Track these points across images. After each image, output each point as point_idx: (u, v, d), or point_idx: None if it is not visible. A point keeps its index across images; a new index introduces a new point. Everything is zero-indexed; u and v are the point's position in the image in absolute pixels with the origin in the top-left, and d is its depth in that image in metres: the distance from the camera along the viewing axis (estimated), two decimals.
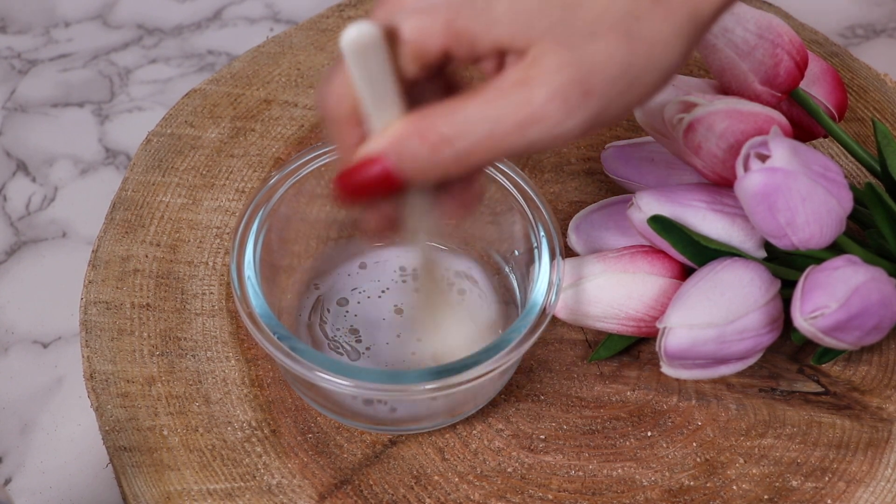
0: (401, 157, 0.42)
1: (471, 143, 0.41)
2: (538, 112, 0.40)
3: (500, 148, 0.41)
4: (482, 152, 0.41)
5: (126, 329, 0.57)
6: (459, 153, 0.41)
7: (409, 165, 0.42)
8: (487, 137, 0.41)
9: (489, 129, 0.41)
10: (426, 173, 0.42)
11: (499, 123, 0.41)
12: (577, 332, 0.58)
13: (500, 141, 0.41)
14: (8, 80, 0.76)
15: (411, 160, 0.42)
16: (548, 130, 0.41)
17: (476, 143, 0.41)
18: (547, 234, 0.54)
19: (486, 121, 0.41)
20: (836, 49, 0.68)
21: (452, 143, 0.41)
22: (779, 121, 0.52)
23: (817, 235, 0.50)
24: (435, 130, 0.41)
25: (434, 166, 0.42)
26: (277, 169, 0.56)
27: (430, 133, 0.41)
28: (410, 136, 0.42)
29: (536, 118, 0.40)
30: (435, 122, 0.41)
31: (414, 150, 0.42)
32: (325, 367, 0.50)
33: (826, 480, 0.54)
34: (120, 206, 0.62)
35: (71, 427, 0.62)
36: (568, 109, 0.41)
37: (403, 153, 0.42)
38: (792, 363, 0.57)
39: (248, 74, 0.67)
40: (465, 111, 0.41)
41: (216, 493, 0.53)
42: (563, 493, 0.53)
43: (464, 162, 0.42)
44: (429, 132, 0.41)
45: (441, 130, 0.41)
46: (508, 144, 0.41)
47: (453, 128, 0.41)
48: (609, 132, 0.65)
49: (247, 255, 0.53)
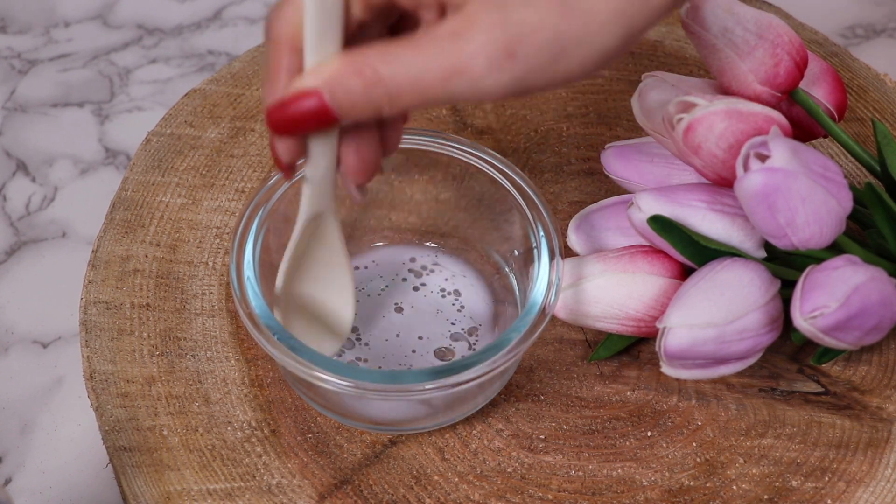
0: (335, 92, 0.43)
1: (401, 84, 0.43)
2: (462, 65, 0.42)
3: (426, 93, 0.43)
4: (411, 95, 0.43)
5: (126, 329, 0.57)
6: (391, 93, 0.43)
7: (343, 100, 0.43)
8: (416, 82, 0.43)
9: (418, 73, 0.43)
10: (358, 109, 0.44)
11: (427, 70, 0.42)
12: (577, 332, 0.58)
13: (426, 86, 0.43)
14: (8, 80, 0.76)
15: (345, 95, 0.43)
16: (469, 84, 0.43)
17: (406, 85, 0.43)
18: (546, 234, 0.54)
19: (416, 66, 0.43)
20: (836, 49, 0.68)
21: (385, 83, 0.43)
22: (779, 121, 0.52)
23: (817, 235, 0.50)
24: (371, 68, 0.43)
25: (367, 103, 0.43)
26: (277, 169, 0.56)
27: (366, 70, 0.43)
28: (347, 72, 0.43)
29: (460, 70, 0.42)
30: (372, 61, 0.43)
31: (349, 86, 0.43)
32: (325, 367, 0.50)
33: (826, 480, 0.54)
34: (120, 206, 0.62)
35: (71, 427, 0.62)
36: (490, 67, 0.42)
37: (338, 88, 0.43)
38: (792, 363, 0.57)
39: (248, 74, 0.67)
40: (399, 54, 0.43)
41: (216, 493, 0.53)
42: (563, 493, 0.53)
43: (394, 102, 0.43)
44: (365, 69, 0.43)
45: (376, 69, 0.43)
46: (433, 91, 0.43)
47: (387, 68, 0.43)
48: (609, 132, 0.65)
49: (246, 255, 0.53)
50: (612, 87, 0.68)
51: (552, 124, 0.66)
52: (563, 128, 0.66)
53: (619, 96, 0.67)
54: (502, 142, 0.65)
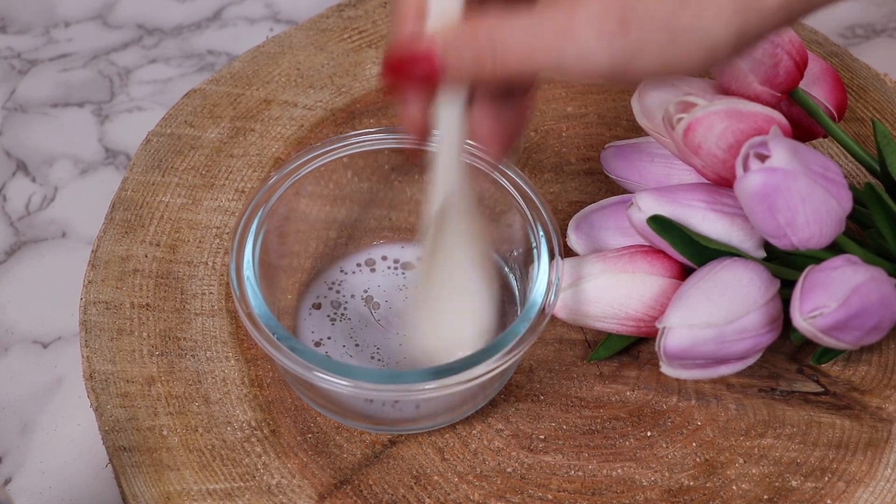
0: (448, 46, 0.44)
1: (510, 47, 0.43)
2: (573, 31, 0.42)
3: (533, 55, 0.43)
4: (518, 59, 0.43)
5: (126, 329, 0.57)
6: (497, 55, 0.43)
7: (453, 55, 0.44)
8: (526, 44, 0.43)
9: (529, 37, 0.43)
10: (463, 67, 0.44)
11: (537, 32, 0.42)
12: (577, 332, 0.58)
13: (534, 48, 0.43)
14: (8, 80, 0.76)
15: (455, 50, 0.44)
16: (577, 51, 0.42)
17: (515, 47, 0.43)
18: (546, 234, 0.54)
19: (529, 29, 0.43)
20: (836, 49, 0.68)
21: (495, 44, 0.43)
22: (779, 121, 0.52)
23: (817, 235, 0.50)
24: (486, 27, 0.43)
25: (472, 61, 0.44)
26: (277, 169, 0.56)
27: (480, 32, 0.43)
28: (464, 29, 0.44)
29: (570, 35, 0.42)
30: (489, 21, 0.43)
31: (461, 42, 0.44)
32: (325, 367, 0.50)
33: (826, 480, 0.54)
34: (120, 206, 0.62)
35: (71, 427, 0.62)
36: (601, 36, 0.42)
37: (451, 43, 0.44)
38: (791, 363, 0.57)
39: (248, 74, 0.67)
40: (515, 19, 0.43)
41: (216, 493, 0.53)
42: (562, 493, 0.53)
43: (499, 66, 0.43)
44: (479, 30, 0.43)
45: (490, 30, 0.43)
46: (542, 56, 0.43)
47: (500, 31, 0.43)
48: (609, 132, 0.65)
49: (246, 255, 0.53)
50: (612, 86, 0.68)
51: (552, 124, 0.66)
52: (563, 128, 0.66)
53: (619, 96, 0.67)
54: None
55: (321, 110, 0.66)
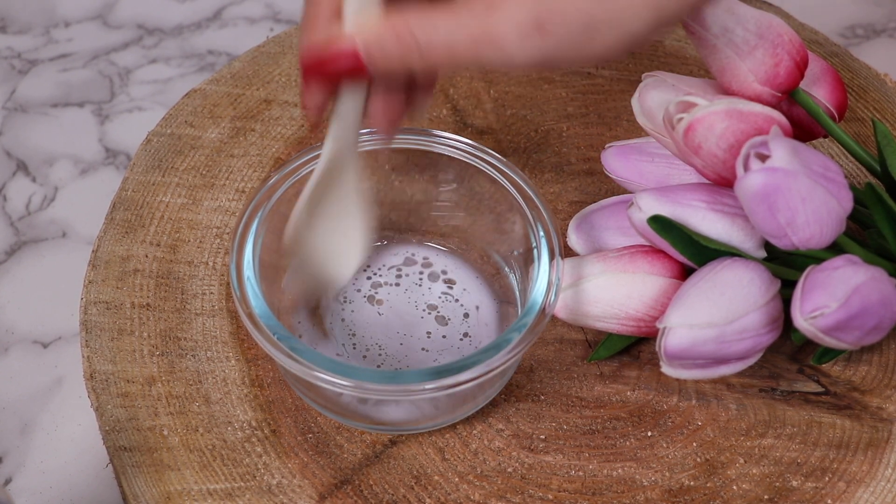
0: (370, 46, 0.45)
1: (433, 46, 0.45)
2: (493, 35, 0.44)
3: (456, 57, 0.45)
4: (441, 57, 0.45)
5: (126, 329, 0.57)
6: (423, 53, 0.45)
7: (377, 53, 0.45)
8: (447, 45, 0.45)
9: (450, 38, 0.45)
10: (389, 65, 0.46)
11: (458, 33, 0.44)
12: (577, 332, 0.58)
13: (456, 51, 0.45)
14: (8, 80, 0.76)
15: (379, 50, 0.45)
16: (497, 53, 0.44)
17: (438, 47, 0.45)
18: (546, 234, 0.54)
19: (450, 30, 0.45)
20: (836, 49, 0.68)
21: (419, 42, 0.45)
22: (779, 121, 0.52)
23: (817, 235, 0.50)
24: (406, 27, 0.45)
25: (398, 59, 0.45)
26: (277, 169, 0.56)
27: (402, 28, 0.45)
28: (384, 29, 0.45)
29: (490, 40, 0.44)
30: (409, 20, 0.45)
31: (384, 42, 0.45)
32: (325, 367, 0.50)
33: (826, 480, 0.54)
34: (120, 206, 0.62)
35: (71, 427, 0.62)
36: (520, 40, 0.44)
37: (374, 43, 0.45)
38: (792, 363, 0.57)
39: (248, 74, 0.67)
40: (435, 18, 0.45)
41: (216, 493, 0.53)
42: (563, 493, 0.53)
43: (426, 61, 0.45)
44: (402, 28, 0.45)
45: (412, 29, 0.45)
46: (463, 56, 0.45)
47: (422, 29, 0.45)
48: (609, 132, 0.65)
49: (246, 255, 0.53)
50: (612, 87, 0.68)
51: (552, 124, 0.66)
52: (563, 128, 0.66)
53: (619, 96, 0.67)
54: (502, 142, 0.65)
55: None
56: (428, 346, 0.56)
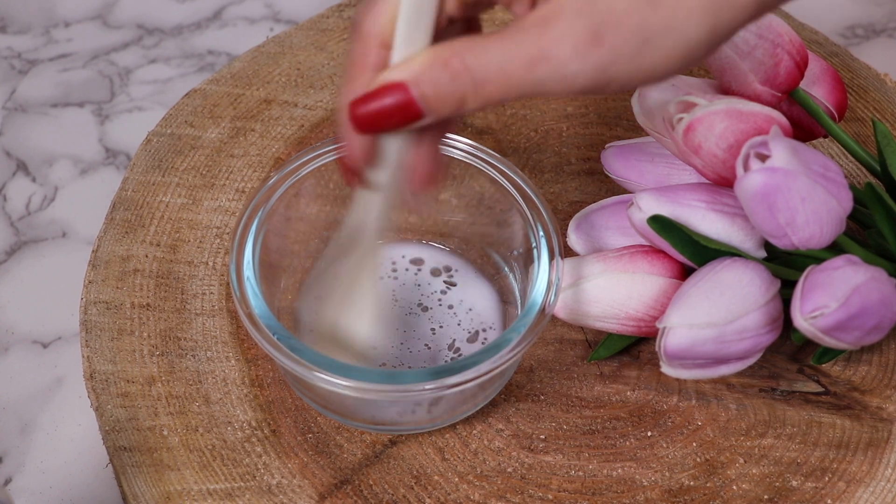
0: (422, 84, 0.43)
1: (487, 74, 0.42)
2: (548, 51, 0.42)
3: (512, 82, 0.42)
4: (496, 85, 0.42)
5: (126, 329, 0.57)
6: (477, 83, 0.42)
7: (430, 91, 0.43)
8: (501, 70, 0.42)
9: (504, 62, 0.42)
10: (444, 101, 0.43)
11: (513, 58, 0.42)
12: (577, 331, 0.58)
13: (512, 75, 0.42)
14: (8, 80, 0.76)
15: (432, 87, 0.43)
16: (554, 71, 0.42)
17: (491, 74, 0.42)
18: (546, 234, 0.54)
19: (503, 54, 0.42)
20: (836, 49, 0.68)
21: (471, 72, 0.42)
22: (779, 121, 0.52)
23: (817, 235, 0.50)
24: (458, 58, 0.42)
25: (452, 94, 0.43)
26: (277, 169, 0.56)
27: (454, 60, 0.42)
28: (434, 64, 0.43)
29: (545, 57, 0.42)
30: (459, 51, 0.43)
31: (435, 77, 0.43)
32: (325, 367, 0.50)
33: (826, 480, 0.54)
34: (120, 206, 0.62)
35: (71, 427, 0.62)
36: (576, 53, 0.42)
37: (425, 80, 0.43)
38: (792, 363, 0.57)
39: (248, 74, 0.67)
40: (487, 43, 0.42)
41: (216, 493, 0.53)
42: (563, 493, 0.53)
43: (480, 93, 0.43)
44: (452, 60, 0.42)
45: (463, 58, 0.42)
46: (519, 80, 0.42)
47: (473, 58, 0.42)
48: (609, 132, 0.65)
49: (246, 255, 0.53)
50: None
51: (552, 124, 0.66)
52: (563, 128, 0.66)
53: (619, 96, 0.67)
54: (502, 142, 0.65)
55: (321, 110, 0.66)
56: (428, 346, 0.56)
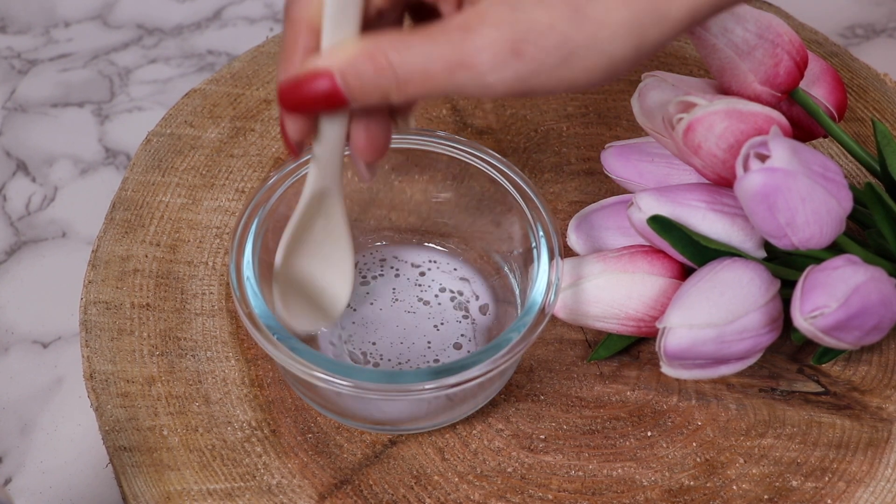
0: (347, 76, 0.44)
1: (409, 72, 0.43)
2: (468, 58, 0.42)
3: (432, 83, 0.43)
4: (418, 84, 0.43)
5: (126, 329, 0.57)
6: (399, 80, 0.43)
7: (354, 84, 0.44)
8: (423, 71, 0.43)
9: (425, 63, 0.43)
10: (367, 94, 0.44)
11: (434, 60, 0.43)
12: (577, 332, 0.58)
13: (432, 77, 0.43)
14: (8, 80, 0.76)
15: (356, 79, 0.44)
16: (473, 79, 0.43)
17: (414, 73, 0.43)
18: (546, 234, 0.54)
19: (425, 55, 0.43)
20: (836, 49, 0.68)
21: (395, 70, 0.43)
22: (779, 121, 0.52)
23: (817, 235, 0.50)
24: (383, 55, 0.43)
25: (375, 88, 0.44)
26: (277, 169, 0.56)
27: (379, 55, 0.43)
28: (360, 57, 0.44)
29: (466, 64, 0.42)
30: (384, 47, 0.43)
31: (360, 70, 0.44)
32: (325, 367, 0.50)
33: (826, 480, 0.54)
34: (120, 206, 0.62)
35: (71, 427, 0.62)
36: (495, 64, 0.42)
37: (350, 72, 0.44)
38: (792, 363, 0.57)
39: (248, 74, 0.67)
40: (411, 43, 0.43)
41: (216, 493, 0.53)
42: (563, 493, 0.53)
43: (402, 89, 0.43)
44: (377, 54, 0.43)
45: (388, 55, 0.43)
46: (439, 82, 0.43)
47: (398, 56, 0.43)
48: (609, 132, 0.65)
49: (246, 255, 0.53)
50: (612, 87, 0.68)
51: (552, 124, 0.66)
52: (563, 128, 0.66)
53: (619, 96, 0.67)
54: (502, 142, 0.65)
55: None
56: (427, 346, 0.56)
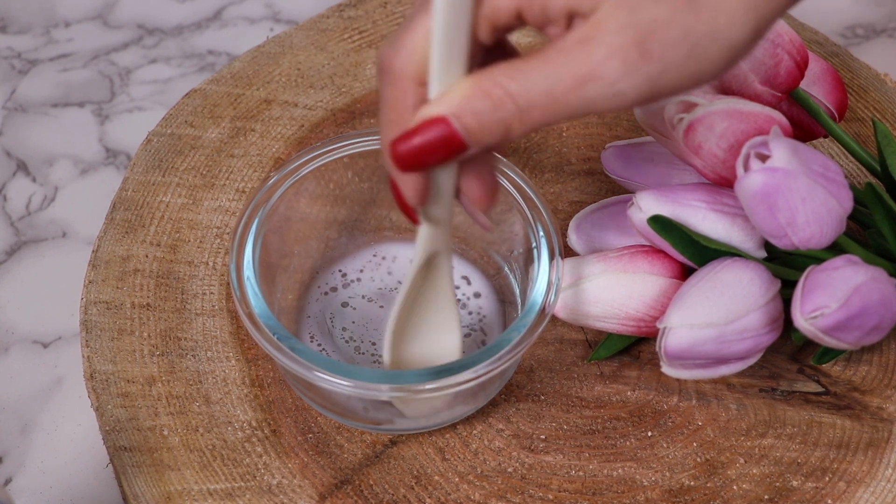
0: (463, 116, 0.42)
1: (532, 98, 0.41)
2: (596, 70, 0.41)
3: (559, 105, 0.41)
4: (542, 109, 0.41)
5: (126, 329, 0.57)
6: (521, 109, 0.41)
7: (472, 123, 0.42)
8: (547, 94, 0.41)
9: (549, 85, 0.41)
10: (488, 130, 0.42)
11: (558, 80, 0.41)
12: (577, 332, 0.58)
13: (559, 97, 0.41)
14: (8, 80, 0.76)
15: (474, 117, 0.42)
16: (604, 89, 0.41)
17: (537, 98, 0.41)
18: (546, 234, 0.54)
19: (547, 77, 0.41)
20: (836, 49, 0.68)
21: (515, 99, 0.41)
22: (779, 121, 0.52)
23: (817, 235, 0.50)
24: (499, 86, 0.41)
25: (496, 123, 0.42)
26: (277, 169, 0.56)
27: (495, 89, 0.41)
28: (474, 94, 0.42)
29: (594, 76, 0.41)
30: (499, 79, 0.41)
31: (477, 108, 0.41)
32: (325, 367, 0.50)
33: (826, 480, 0.54)
34: (120, 206, 0.62)
35: (71, 427, 0.62)
36: (625, 69, 0.41)
37: (466, 111, 0.42)
38: (792, 363, 0.57)
39: (248, 74, 0.67)
40: (527, 68, 0.41)
41: (216, 493, 0.53)
42: (563, 493, 0.53)
43: (525, 118, 0.42)
44: (493, 88, 0.41)
45: (504, 86, 0.41)
46: (567, 102, 0.41)
47: (515, 84, 0.41)
48: (609, 132, 0.65)
49: (246, 255, 0.53)
50: None
51: None
52: (563, 128, 0.66)
53: None
54: None
55: (321, 110, 0.66)
56: None
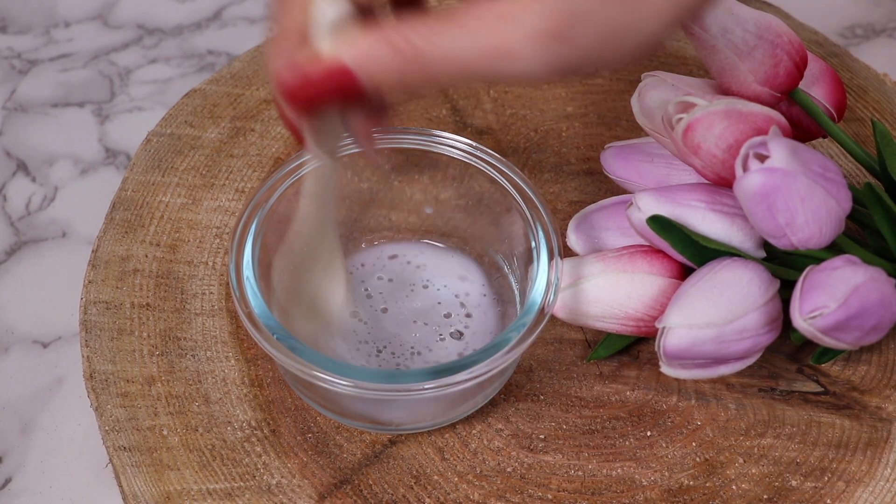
0: (368, 69, 0.42)
1: (437, 56, 0.41)
2: (513, 48, 0.41)
3: (465, 70, 0.42)
4: (447, 69, 0.42)
5: (126, 329, 0.57)
6: (429, 70, 0.42)
7: (373, 68, 0.42)
8: (454, 57, 0.41)
9: (461, 52, 0.41)
10: (388, 77, 0.42)
11: (471, 49, 0.41)
12: (577, 331, 0.58)
13: (468, 65, 0.41)
14: (8, 80, 0.76)
15: (375, 62, 0.42)
16: (514, 67, 0.41)
17: (443, 58, 0.41)
18: (545, 234, 0.54)
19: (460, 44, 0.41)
20: (835, 49, 0.68)
21: (424, 59, 0.41)
22: (778, 121, 0.52)
23: (816, 235, 0.50)
24: (408, 44, 0.41)
25: (399, 79, 0.42)
26: (277, 169, 0.56)
27: (403, 46, 0.41)
28: (381, 48, 0.42)
29: (509, 54, 0.41)
30: (409, 36, 0.41)
31: (383, 63, 0.42)
32: (325, 367, 0.50)
33: (825, 480, 0.54)
34: (120, 206, 0.62)
35: (71, 427, 0.62)
36: (542, 53, 0.41)
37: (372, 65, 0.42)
38: (791, 363, 0.57)
39: (248, 74, 0.67)
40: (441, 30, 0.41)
41: (216, 492, 0.53)
42: (562, 493, 0.53)
43: (432, 79, 0.42)
44: (401, 45, 0.41)
45: (414, 44, 0.41)
46: (475, 69, 0.42)
47: (426, 44, 0.41)
48: (609, 132, 0.65)
49: (245, 255, 0.53)
50: (612, 87, 0.68)
51: (552, 124, 0.66)
52: (563, 128, 0.66)
53: (619, 96, 0.67)
54: (502, 142, 0.65)
55: None
56: (427, 346, 0.56)
